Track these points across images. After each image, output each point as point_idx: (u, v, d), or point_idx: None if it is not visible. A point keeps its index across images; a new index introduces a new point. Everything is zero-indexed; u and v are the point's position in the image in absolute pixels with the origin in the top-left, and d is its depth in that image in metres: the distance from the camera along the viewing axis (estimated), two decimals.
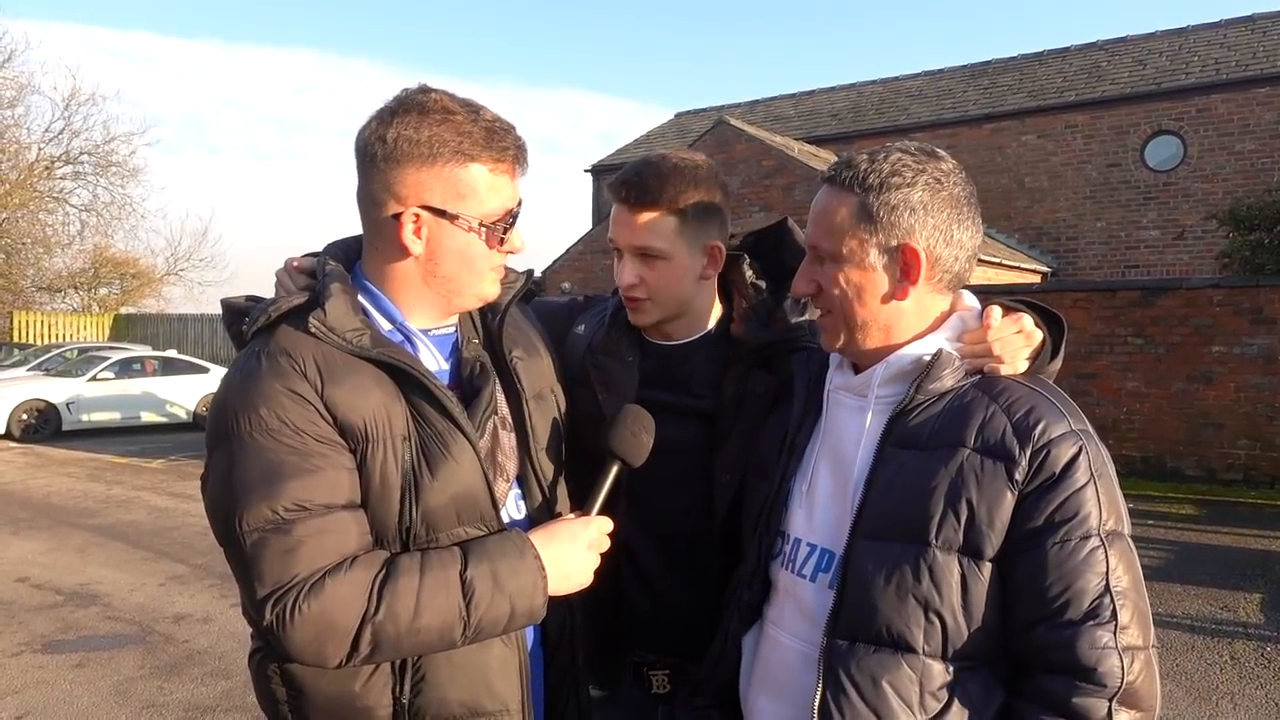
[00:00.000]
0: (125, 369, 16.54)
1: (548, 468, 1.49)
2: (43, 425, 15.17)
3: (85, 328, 27.72)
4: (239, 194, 73.64)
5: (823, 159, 16.90)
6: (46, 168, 29.38)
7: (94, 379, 15.91)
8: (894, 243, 1.33)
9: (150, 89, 69.54)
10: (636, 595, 1.71)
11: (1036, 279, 15.90)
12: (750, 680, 1.47)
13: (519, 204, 1.40)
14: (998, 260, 14.68)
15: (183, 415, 16.37)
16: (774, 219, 1.86)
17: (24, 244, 29.48)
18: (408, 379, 1.31)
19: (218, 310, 1.45)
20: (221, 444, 1.26)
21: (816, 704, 1.27)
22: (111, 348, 19.28)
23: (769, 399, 1.63)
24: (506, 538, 1.32)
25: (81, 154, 29.88)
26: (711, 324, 1.76)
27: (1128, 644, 1.18)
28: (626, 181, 1.63)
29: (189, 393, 16.56)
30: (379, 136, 1.31)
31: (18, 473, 11.80)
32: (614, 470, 1.44)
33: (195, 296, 33.37)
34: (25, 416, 15.04)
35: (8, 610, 5.96)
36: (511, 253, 1.43)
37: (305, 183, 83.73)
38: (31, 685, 4.73)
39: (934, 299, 1.39)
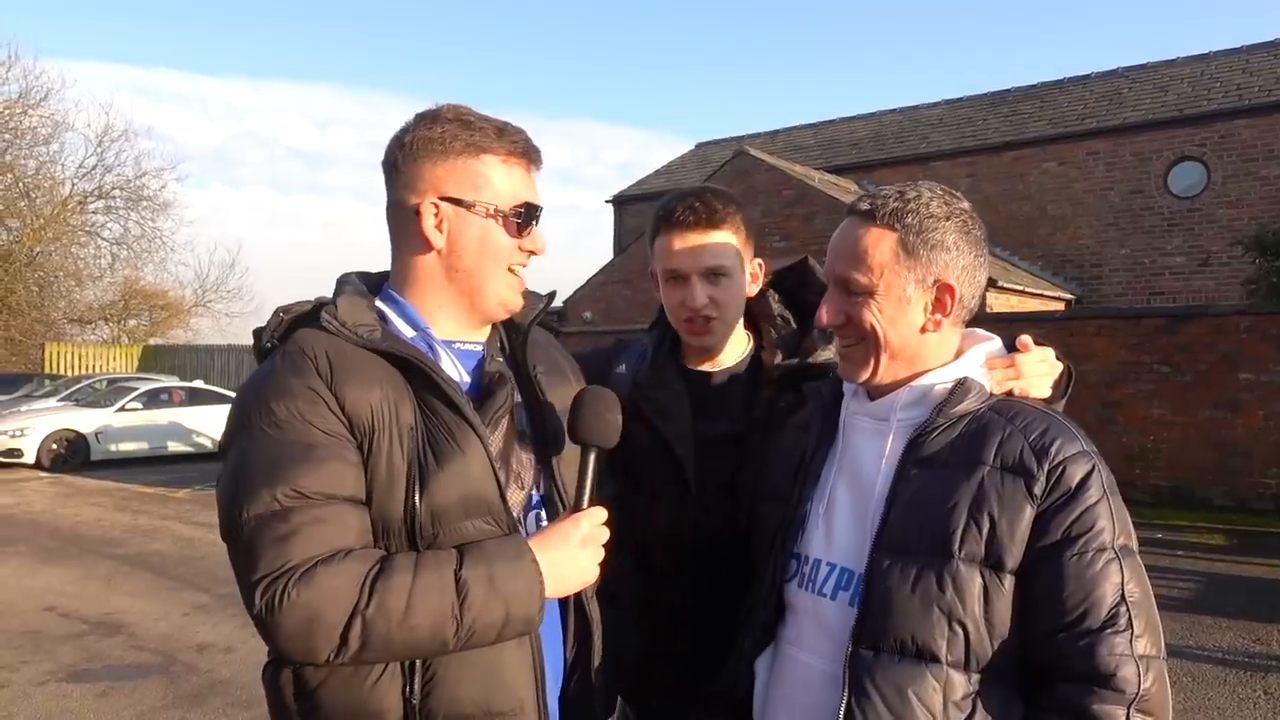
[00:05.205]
0: (153, 399, 16.74)
1: (572, 486, 1.47)
2: (72, 455, 15.36)
3: (114, 359, 28.10)
4: (265, 226, 74.68)
5: (843, 188, 16.93)
6: (80, 203, 30.00)
7: (122, 409, 16.11)
8: (930, 279, 1.40)
9: (178, 125, 70.94)
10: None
11: (1060, 306, 15.77)
12: (766, 702, 1.48)
13: (538, 203, 1.45)
14: (1021, 288, 14.58)
15: (209, 445, 16.49)
16: (794, 249, 1.94)
17: (56, 277, 30.05)
18: (416, 373, 1.33)
19: (245, 341, 1.51)
20: (234, 441, 1.29)
21: (842, 713, 1.29)
22: (140, 378, 19.52)
23: (794, 416, 1.73)
24: (504, 541, 1.31)
25: (113, 189, 30.54)
26: (743, 353, 1.88)
27: (1143, 652, 1.23)
28: (692, 208, 1.74)
29: (215, 423, 16.69)
30: (399, 143, 1.42)
31: (47, 502, 11.95)
32: (592, 459, 1.43)
33: (223, 328, 33.80)
34: (55, 446, 15.23)
35: (35, 639, 6.02)
36: (533, 252, 1.47)
37: (329, 214, 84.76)
38: (56, 714, 4.77)
39: (953, 332, 1.46)
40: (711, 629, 1.72)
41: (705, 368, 1.86)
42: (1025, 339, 1.49)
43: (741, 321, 1.87)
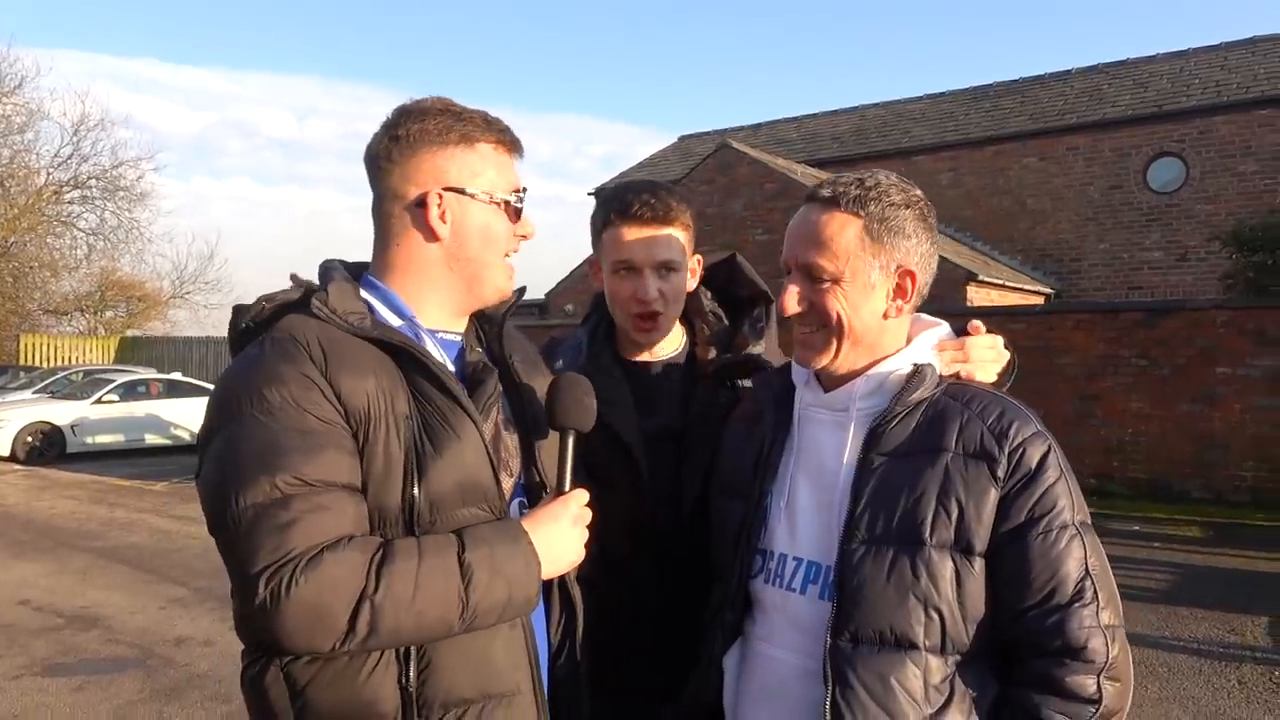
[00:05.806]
0: (130, 391, 16.59)
1: (551, 474, 1.49)
2: (47, 448, 15.20)
3: (91, 350, 27.73)
4: (246, 217, 73.99)
5: None
6: (55, 192, 29.63)
7: (99, 401, 15.96)
8: (894, 265, 1.41)
9: (157, 115, 70.00)
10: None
11: (1039, 300, 15.88)
12: (739, 698, 1.48)
13: (524, 188, 1.48)
14: (1000, 282, 14.67)
15: (187, 437, 16.37)
16: (777, 242, 1.91)
17: (31, 267, 29.72)
18: (408, 359, 1.33)
19: (224, 333, 1.46)
20: (220, 429, 1.24)
21: (828, 705, 1.30)
22: (117, 370, 19.34)
23: (729, 410, 1.74)
24: (500, 525, 1.32)
25: (90, 179, 30.18)
26: (678, 348, 1.90)
27: (1108, 622, 1.28)
28: (649, 203, 1.76)
29: (193, 415, 16.55)
30: (390, 137, 1.41)
31: (21, 495, 11.82)
32: (570, 442, 1.45)
33: (201, 319, 33.45)
34: (30, 439, 15.07)
35: (9, 633, 5.95)
36: (525, 236, 1.50)
37: (309, 206, 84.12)
38: (32, 709, 4.72)
39: (907, 318, 1.49)
40: (656, 622, 1.73)
41: (642, 358, 1.87)
42: (976, 323, 1.53)
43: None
